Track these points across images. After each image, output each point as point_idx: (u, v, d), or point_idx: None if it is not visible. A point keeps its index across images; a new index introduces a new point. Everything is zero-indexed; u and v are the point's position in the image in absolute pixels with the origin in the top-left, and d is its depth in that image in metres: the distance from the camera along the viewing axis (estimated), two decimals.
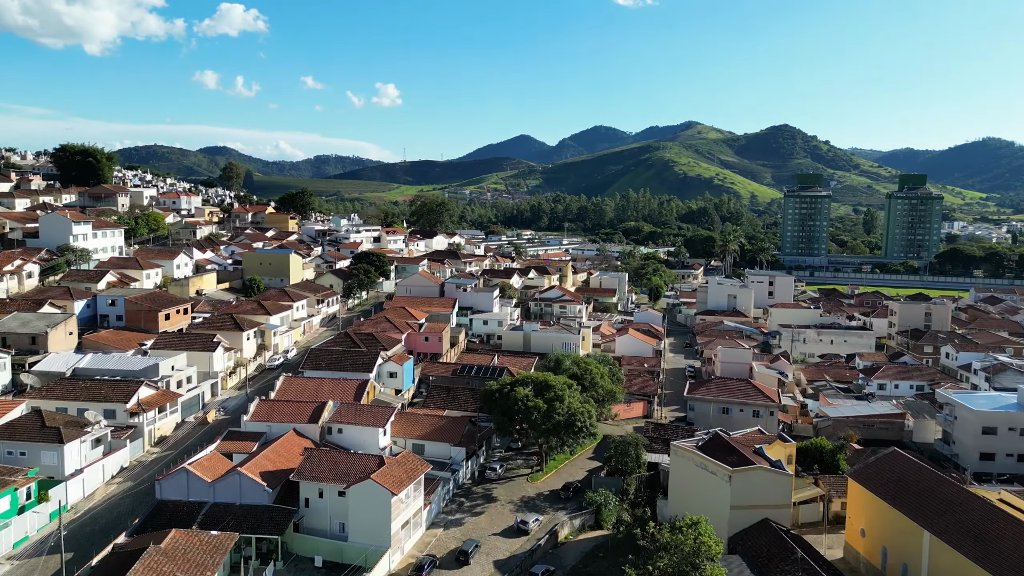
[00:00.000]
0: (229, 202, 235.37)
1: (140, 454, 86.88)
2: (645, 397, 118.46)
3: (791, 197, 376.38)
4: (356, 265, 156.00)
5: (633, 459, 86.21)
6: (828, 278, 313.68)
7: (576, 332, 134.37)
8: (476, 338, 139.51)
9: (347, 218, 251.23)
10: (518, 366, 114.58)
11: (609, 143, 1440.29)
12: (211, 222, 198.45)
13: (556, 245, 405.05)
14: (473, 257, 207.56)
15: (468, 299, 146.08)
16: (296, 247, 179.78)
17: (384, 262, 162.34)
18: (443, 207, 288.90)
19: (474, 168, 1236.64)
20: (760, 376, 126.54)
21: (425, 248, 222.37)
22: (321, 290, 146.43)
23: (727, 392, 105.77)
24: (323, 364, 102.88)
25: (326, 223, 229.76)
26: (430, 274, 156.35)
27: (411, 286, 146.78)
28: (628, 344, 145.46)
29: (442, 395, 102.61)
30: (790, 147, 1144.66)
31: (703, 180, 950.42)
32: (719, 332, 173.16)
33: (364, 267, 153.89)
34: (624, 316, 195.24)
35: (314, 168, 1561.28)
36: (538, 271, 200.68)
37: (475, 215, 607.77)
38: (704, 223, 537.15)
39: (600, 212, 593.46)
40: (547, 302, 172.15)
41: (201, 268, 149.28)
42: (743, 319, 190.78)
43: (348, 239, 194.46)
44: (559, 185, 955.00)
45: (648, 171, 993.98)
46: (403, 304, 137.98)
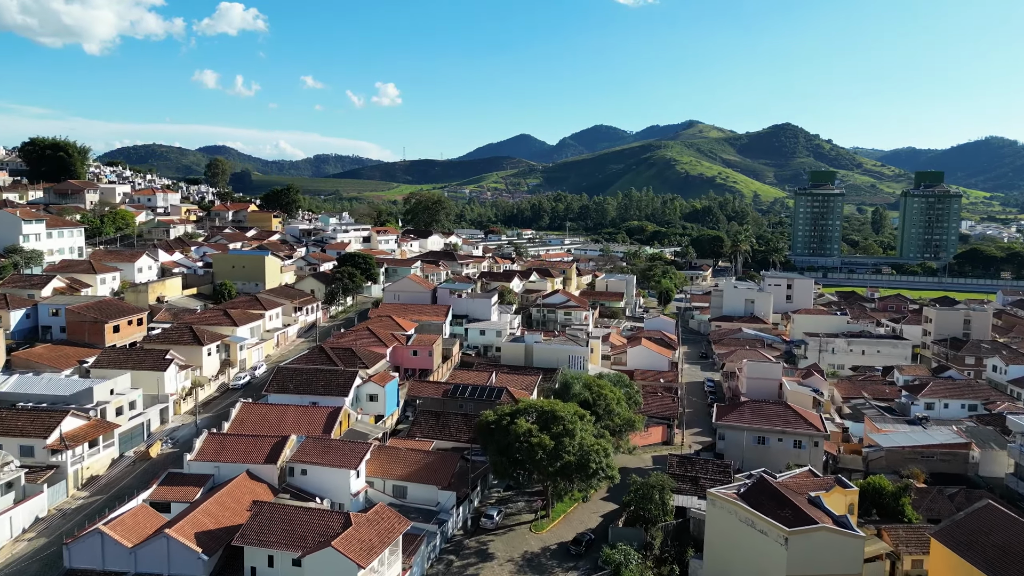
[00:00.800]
0: (211, 199, 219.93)
1: (62, 500, 71.50)
2: (664, 421, 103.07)
3: (802, 195, 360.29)
4: (339, 268, 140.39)
5: (658, 504, 70.85)
6: (842, 280, 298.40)
7: (584, 344, 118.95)
8: (472, 350, 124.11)
9: (336, 217, 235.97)
10: (519, 385, 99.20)
11: (610, 142, 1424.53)
12: (187, 220, 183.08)
13: (558, 245, 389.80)
14: (470, 259, 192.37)
15: (463, 306, 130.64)
16: (277, 248, 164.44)
17: (371, 264, 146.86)
18: (439, 205, 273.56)
19: (474, 167, 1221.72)
20: (792, 395, 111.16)
21: (419, 249, 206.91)
22: (300, 296, 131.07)
23: (763, 418, 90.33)
24: (291, 386, 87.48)
25: (313, 222, 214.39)
26: (421, 278, 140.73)
27: (400, 291, 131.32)
28: (641, 356, 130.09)
29: (430, 422, 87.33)
30: (792, 146, 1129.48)
31: (705, 179, 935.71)
32: (738, 341, 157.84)
33: (348, 270, 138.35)
34: (633, 323, 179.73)
35: (314, 167, 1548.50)
36: (540, 274, 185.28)
37: (474, 214, 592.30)
38: (709, 222, 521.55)
39: (602, 211, 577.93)
40: (550, 308, 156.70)
41: (167, 271, 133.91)
42: (762, 326, 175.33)
43: (335, 239, 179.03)
44: (560, 184, 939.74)
45: (649, 170, 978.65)
46: (390, 312, 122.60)
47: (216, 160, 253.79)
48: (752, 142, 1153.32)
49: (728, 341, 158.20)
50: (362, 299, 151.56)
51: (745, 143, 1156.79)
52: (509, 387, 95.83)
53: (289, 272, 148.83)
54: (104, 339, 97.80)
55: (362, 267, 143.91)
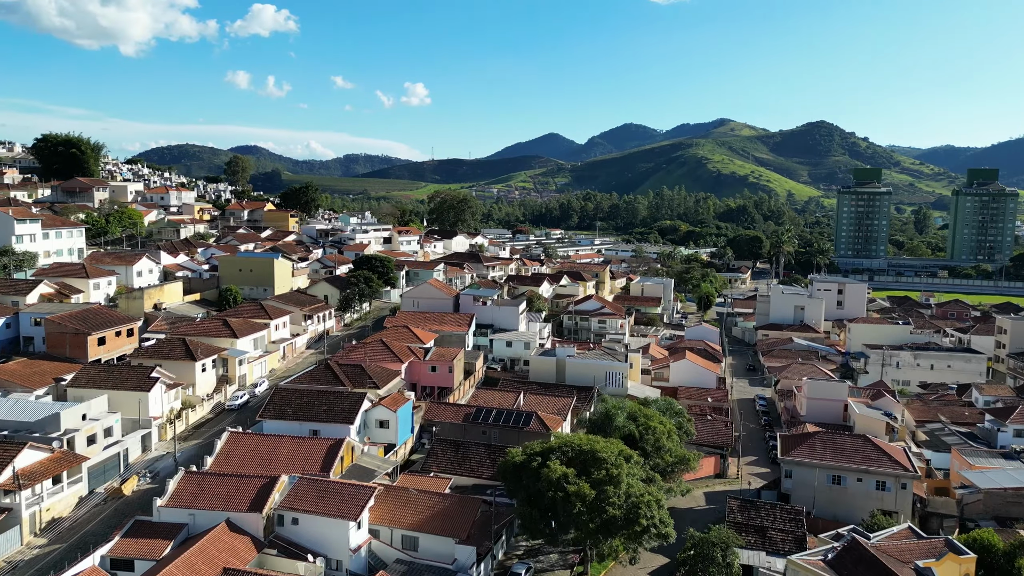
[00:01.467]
0: (227, 198, 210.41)
1: (15, 550, 60.60)
2: (717, 450, 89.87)
3: (846, 194, 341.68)
4: (355, 272, 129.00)
5: (721, 567, 58.00)
6: (890, 283, 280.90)
7: (622, 359, 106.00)
8: (497, 364, 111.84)
9: (358, 216, 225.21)
10: (550, 409, 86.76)
11: (639, 141, 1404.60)
12: (200, 220, 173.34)
13: (588, 245, 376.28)
14: (497, 261, 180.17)
15: (488, 314, 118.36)
16: (292, 249, 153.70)
17: (389, 267, 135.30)
18: (464, 204, 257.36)
19: (502, 166, 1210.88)
20: (861, 419, 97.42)
21: (443, 250, 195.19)
22: (312, 302, 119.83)
23: (838, 453, 76.70)
24: (289, 411, 75.91)
25: (332, 222, 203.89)
26: (443, 284, 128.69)
27: (419, 298, 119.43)
28: (686, 372, 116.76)
29: (448, 453, 75.24)
30: (827, 144, 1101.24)
31: (737, 178, 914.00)
32: (789, 352, 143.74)
33: (364, 274, 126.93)
34: (672, 330, 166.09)
35: (344, 167, 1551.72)
36: (571, 277, 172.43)
37: (502, 214, 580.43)
38: (744, 222, 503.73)
39: (633, 210, 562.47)
40: (583, 316, 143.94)
41: (170, 275, 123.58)
42: (814, 335, 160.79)
43: (353, 240, 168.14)
44: (588, 183, 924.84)
45: (680, 169, 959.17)
46: (408, 321, 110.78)
47: (236, 157, 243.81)
48: (785, 140, 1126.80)
49: (778, 353, 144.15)
50: (380, 305, 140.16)
51: (778, 141, 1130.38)
52: (539, 411, 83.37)
53: (302, 276, 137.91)
54: (87, 353, 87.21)
55: (379, 271, 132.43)
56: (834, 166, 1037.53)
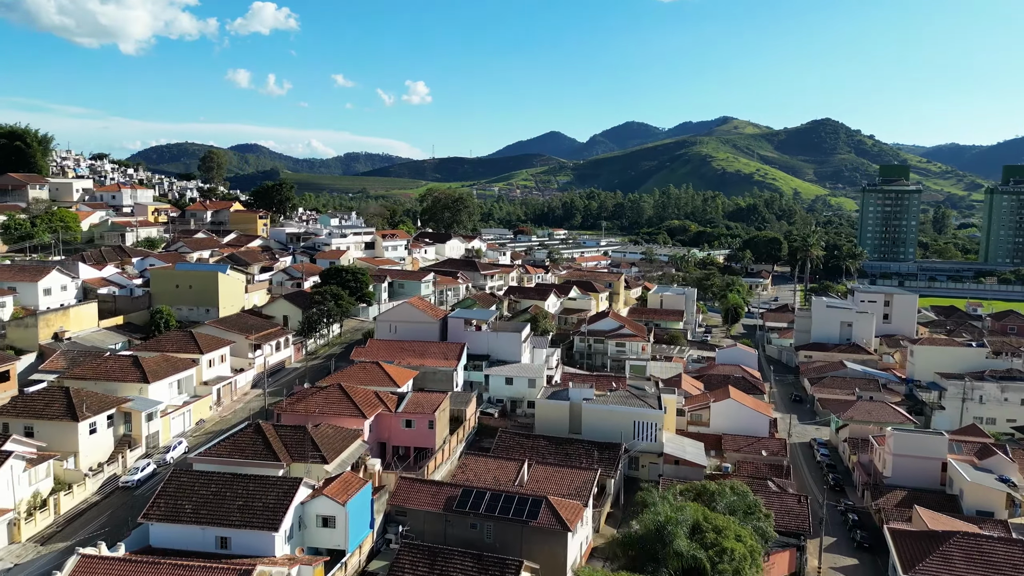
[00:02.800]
0: (193, 197, 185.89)
1: None
2: (791, 540, 65.40)
3: (873, 193, 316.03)
4: (321, 287, 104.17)
5: None
6: (922, 288, 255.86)
7: (655, 402, 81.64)
8: (494, 407, 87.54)
9: (342, 217, 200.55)
10: (566, 487, 62.59)
11: (641, 139, 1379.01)
12: (154, 223, 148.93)
13: (593, 247, 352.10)
14: (496, 268, 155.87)
15: (483, 342, 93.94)
16: (254, 257, 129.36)
17: (364, 281, 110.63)
18: (460, 204, 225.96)
19: (503, 165, 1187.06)
20: (973, 490, 73.26)
21: (435, 256, 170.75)
22: (265, 326, 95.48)
23: (987, 567, 52.19)
24: (187, 508, 51.49)
25: (310, 223, 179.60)
26: (426, 303, 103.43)
27: (397, 322, 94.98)
28: (730, 415, 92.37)
29: (421, 566, 50.93)
30: (833, 142, 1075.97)
31: (743, 176, 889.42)
32: (843, 381, 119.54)
33: (332, 290, 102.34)
34: (699, 351, 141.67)
35: (344, 165, 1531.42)
36: (582, 288, 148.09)
37: (503, 213, 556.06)
38: (754, 222, 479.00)
39: (638, 209, 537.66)
40: (598, 337, 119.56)
41: (91, 292, 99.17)
42: (865, 357, 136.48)
43: (328, 246, 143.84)
44: (591, 182, 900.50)
45: (684, 167, 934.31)
46: (381, 353, 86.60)
47: (211, 152, 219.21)
48: (790, 138, 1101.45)
49: (829, 382, 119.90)
50: (356, 325, 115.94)
51: (783, 139, 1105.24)
52: (550, 495, 59.04)
53: (260, 290, 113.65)
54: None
55: (351, 285, 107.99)
56: (840, 164, 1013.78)
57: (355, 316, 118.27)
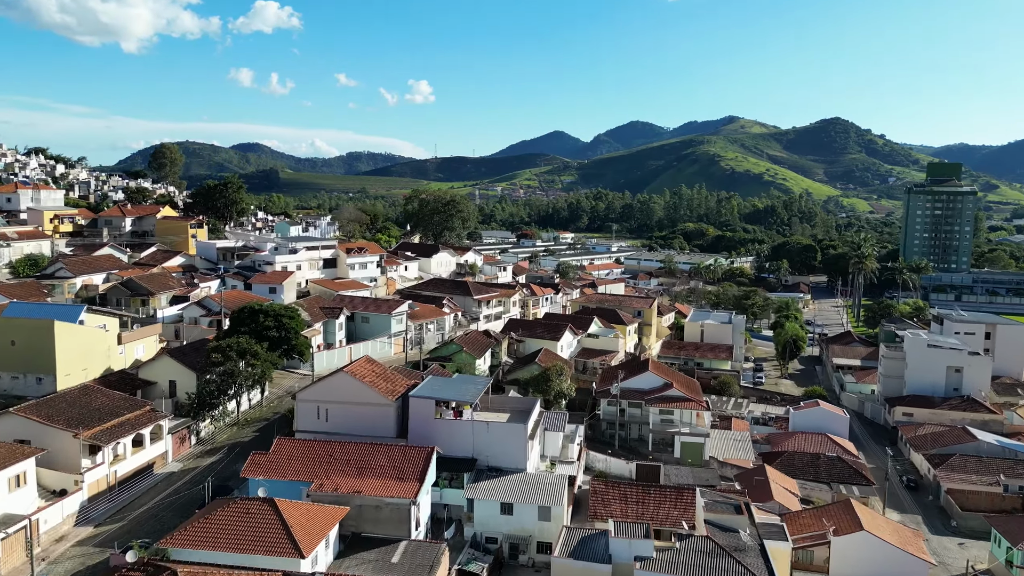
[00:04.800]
0: (117, 200, 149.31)
1: None
2: None
3: (919, 194, 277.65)
4: (222, 341, 67.13)
5: None
6: (983, 304, 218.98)
7: (755, 563, 45.65)
8: (480, 560, 51.25)
9: (310, 224, 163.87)
10: None
11: (646, 139, 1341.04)
12: (50, 234, 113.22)
13: (604, 252, 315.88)
14: (493, 291, 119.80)
15: (464, 437, 57.58)
16: (163, 284, 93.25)
17: (292, 326, 73.51)
18: (453, 207, 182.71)
19: (507, 164, 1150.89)
20: None
21: (417, 275, 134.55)
22: (121, 409, 59.40)
23: None
24: None
25: (261, 232, 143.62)
26: (376, 373, 63.57)
27: (329, 403, 58.71)
28: (863, 557, 56.19)
29: None
30: (843, 141, 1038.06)
31: (752, 176, 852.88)
32: (978, 463, 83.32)
33: (240, 343, 65.77)
34: (763, 408, 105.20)
35: (347, 165, 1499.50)
36: (604, 318, 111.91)
37: (506, 214, 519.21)
38: (773, 224, 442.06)
39: (648, 211, 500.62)
40: (634, 399, 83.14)
41: None
42: (987, 417, 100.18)
43: (272, 264, 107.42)
44: (595, 181, 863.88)
45: (692, 166, 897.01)
46: (295, 463, 50.68)
47: (164, 146, 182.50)
48: (799, 137, 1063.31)
49: (959, 463, 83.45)
50: (290, 383, 79.99)
51: (792, 138, 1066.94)
52: None
53: (149, 338, 77.63)
54: None
55: (272, 335, 71.78)
56: (851, 164, 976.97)
57: (291, 369, 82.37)
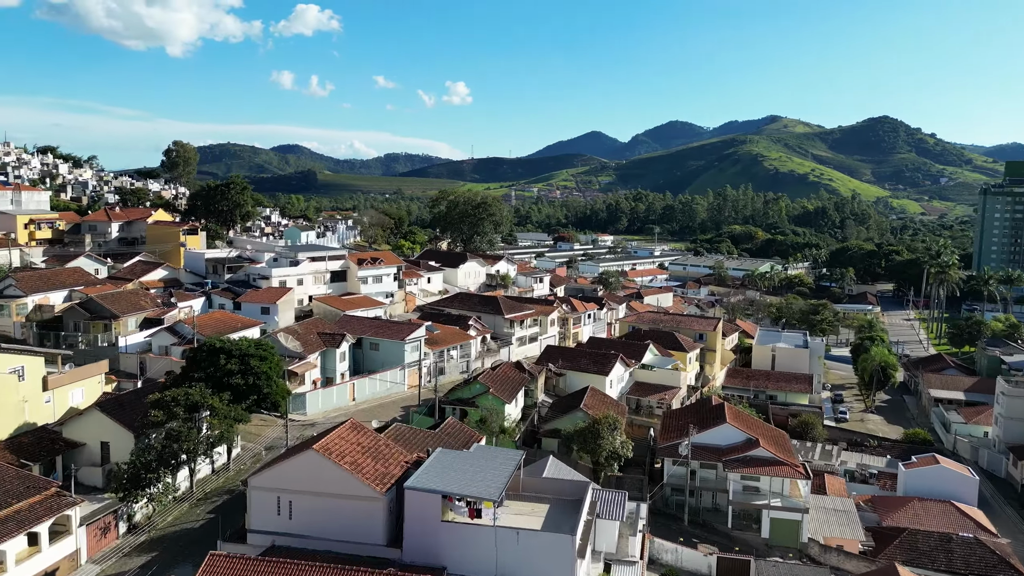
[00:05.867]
0: (111, 202, 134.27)
1: None
2: None
3: (998, 195, 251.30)
4: (168, 392, 49.49)
5: None
6: None
7: None
8: None
9: (328, 228, 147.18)
10: None
11: (686, 139, 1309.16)
12: (26, 241, 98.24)
13: (647, 256, 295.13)
14: (528, 307, 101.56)
15: (483, 550, 39.48)
16: (134, 302, 76.95)
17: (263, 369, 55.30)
18: (484, 210, 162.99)
19: (543, 165, 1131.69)
20: None
21: (441, 288, 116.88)
22: (19, 490, 42.54)
23: None
24: None
25: (265, 238, 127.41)
26: (365, 449, 44.23)
27: (293, 493, 40.93)
28: None
29: None
30: (892, 140, 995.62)
31: (796, 176, 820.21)
32: None
33: (187, 396, 48.14)
34: (859, 464, 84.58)
35: (384, 166, 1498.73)
36: (659, 342, 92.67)
37: (542, 216, 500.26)
38: (824, 227, 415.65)
39: (690, 212, 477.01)
40: (707, 460, 63.82)
41: None
42: None
43: (267, 279, 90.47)
44: (634, 182, 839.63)
45: (734, 167, 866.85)
46: None
47: (178, 144, 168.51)
48: (845, 136, 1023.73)
49: None
50: (271, 437, 62.75)
51: (837, 137, 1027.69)
52: None
53: (86, 383, 60.99)
54: None
55: (237, 383, 53.88)
56: (900, 164, 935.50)
57: (275, 414, 65.06)
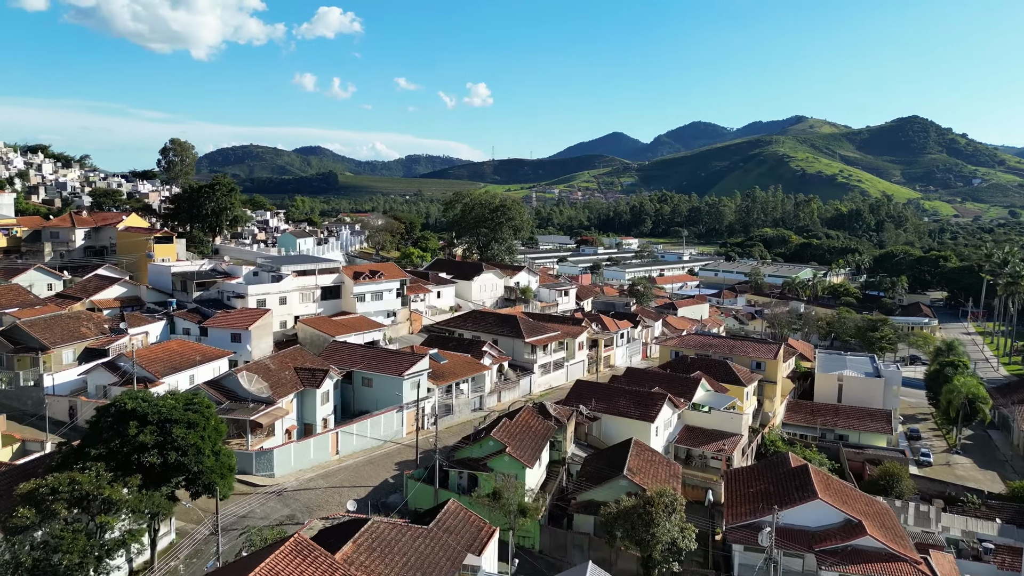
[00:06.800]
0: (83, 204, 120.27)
1: None
2: None
3: None
4: (46, 478, 33.88)
5: None
6: None
7: None
8: None
9: (331, 234, 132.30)
10: None
11: (709, 139, 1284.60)
12: None
13: (675, 261, 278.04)
14: (553, 328, 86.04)
15: None
16: (72, 330, 62.63)
17: (192, 441, 38.68)
18: (502, 214, 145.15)
19: (564, 166, 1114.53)
20: None
21: (453, 304, 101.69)
22: None
23: None
24: None
25: (256, 245, 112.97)
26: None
27: None
28: None
29: None
30: (922, 141, 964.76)
31: (824, 177, 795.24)
32: None
33: (73, 485, 32.02)
34: (964, 524, 67.82)
35: (405, 168, 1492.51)
36: (712, 375, 76.67)
37: (563, 218, 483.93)
38: (859, 229, 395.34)
39: (717, 214, 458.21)
40: (793, 548, 47.87)
41: None
42: None
43: (243, 299, 75.64)
44: (656, 183, 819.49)
45: (759, 167, 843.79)
46: None
47: (175, 141, 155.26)
48: (874, 137, 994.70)
49: None
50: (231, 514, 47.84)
51: (865, 138, 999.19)
52: None
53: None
54: None
55: (151, 462, 37.51)
56: (931, 165, 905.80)
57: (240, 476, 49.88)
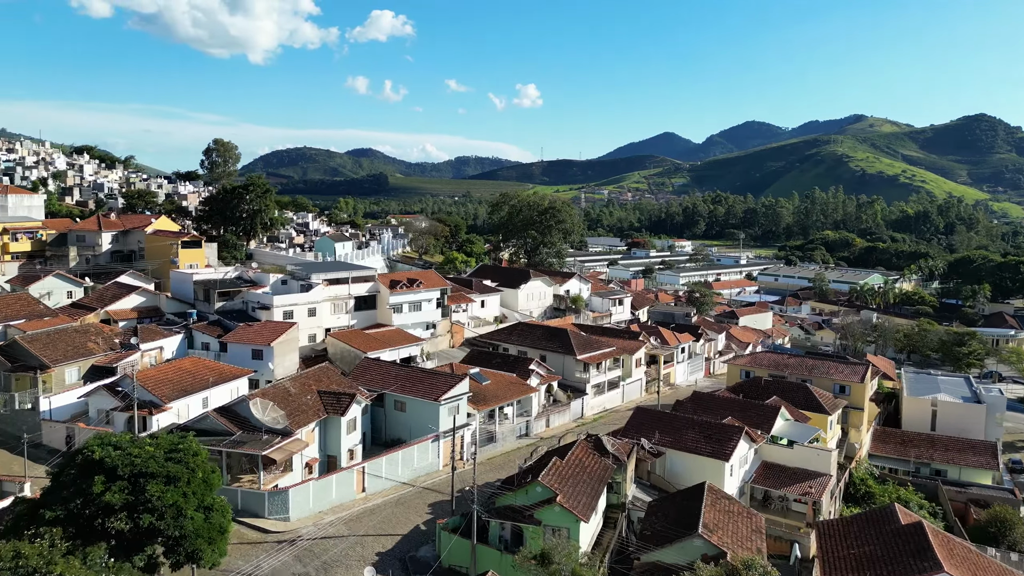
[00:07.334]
0: (114, 207, 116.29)
1: None
2: None
3: None
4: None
5: None
6: None
7: None
8: None
9: (372, 238, 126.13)
10: None
11: (763, 139, 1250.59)
12: None
13: (732, 265, 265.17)
14: (607, 343, 77.29)
15: None
16: (79, 345, 56.81)
17: (173, 500, 29.80)
18: (552, 215, 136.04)
19: (614, 167, 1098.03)
20: None
21: (498, 314, 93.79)
22: None
23: None
24: None
25: (293, 250, 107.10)
26: None
27: None
28: None
29: None
30: (989, 140, 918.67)
31: (886, 178, 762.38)
32: None
33: (19, 560, 26.35)
34: None
35: (455, 169, 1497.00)
36: (791, 403, 66.80)
37: (613, 219, 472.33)
38: (926, 232, 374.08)
39: (774, 216, 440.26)
40: None
41: None
42: None
43: (267, 310, 69.12)
44: (708, 184, 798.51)
45: (817, 167, 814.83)
46: None
47: (218, 141, 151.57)
48: (938, 136, 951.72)
49: None
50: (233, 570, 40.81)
51: (929, 137, 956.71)
52: None
53: None
54: None
55: (118, 528, 28.85)
56: (999, 164, 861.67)
57: (244, 517, 42.86)
